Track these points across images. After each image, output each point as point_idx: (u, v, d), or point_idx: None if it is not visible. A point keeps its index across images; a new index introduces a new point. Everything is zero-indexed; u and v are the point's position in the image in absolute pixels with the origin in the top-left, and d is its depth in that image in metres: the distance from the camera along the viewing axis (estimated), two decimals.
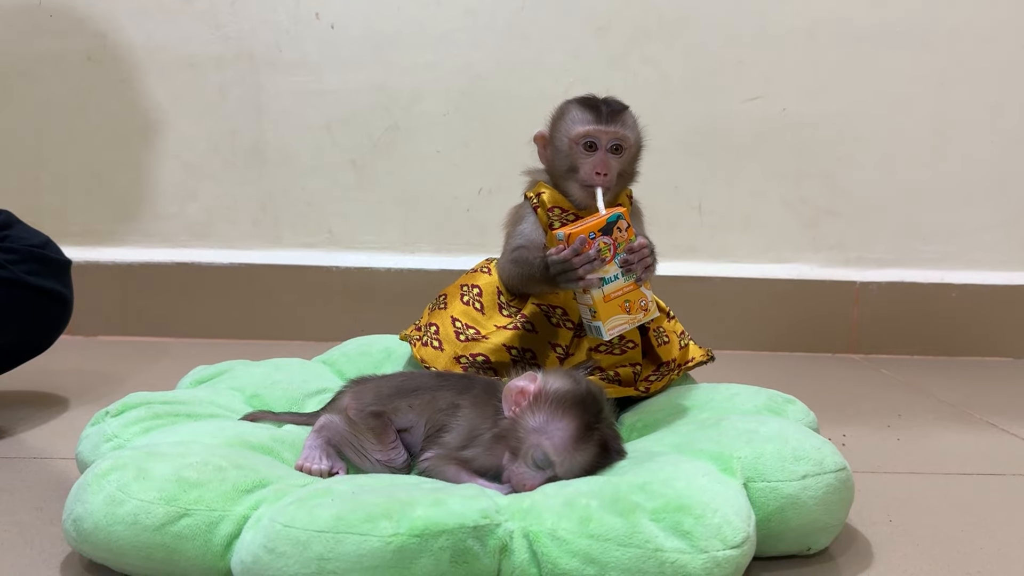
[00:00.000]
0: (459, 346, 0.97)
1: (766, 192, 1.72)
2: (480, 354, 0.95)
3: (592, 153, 0.95)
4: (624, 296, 0.90)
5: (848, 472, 0.75)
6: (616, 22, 1.67)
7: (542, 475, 0.74)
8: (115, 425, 0.84)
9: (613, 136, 0.95)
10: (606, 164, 0.95)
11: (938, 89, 1.70)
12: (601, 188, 0.94)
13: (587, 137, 0.95)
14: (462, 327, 0.98)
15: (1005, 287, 1.73)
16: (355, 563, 0.60)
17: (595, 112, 0.95)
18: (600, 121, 0.95)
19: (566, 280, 0.88)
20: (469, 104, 1.68)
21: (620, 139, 0.95)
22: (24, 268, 1.07)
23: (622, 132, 0.95)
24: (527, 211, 1.00)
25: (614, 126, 0.95)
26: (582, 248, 0.87)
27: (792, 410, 0.92)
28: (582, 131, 0.95)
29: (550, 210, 0.99)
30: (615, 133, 0.95)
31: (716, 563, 0.63)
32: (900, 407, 1.33)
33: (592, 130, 0.95)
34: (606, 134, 0.95)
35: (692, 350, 1.05)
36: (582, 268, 0.87)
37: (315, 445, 0.81)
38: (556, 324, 0.98)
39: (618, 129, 0.95)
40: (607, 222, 0.88)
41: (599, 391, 0.79)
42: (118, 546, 0.65)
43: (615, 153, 0.95)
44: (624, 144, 0.96)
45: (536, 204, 0.99)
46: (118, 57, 1.64)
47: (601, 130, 0.95)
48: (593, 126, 0.95)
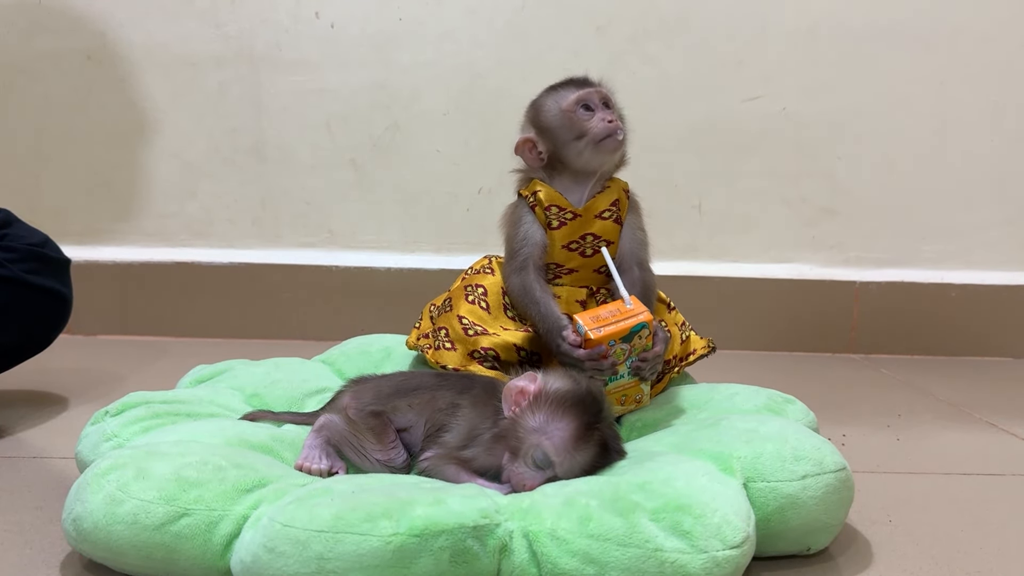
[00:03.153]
0: (468, 341, 0.97)
1: (766, 191, 1.72)
2: (490, 348, 0.95)
3: (592, 112, 0.97)
4: (623, 391, 0.91)
5: (848, 472, 0.75)
6: (616, 21, 1.67)
7: (542, 475, 0.74)
8: (115, 424, 0.84)
9: (600, 93, 0.99)
10: (611, 114, 0.98)
11: (938, 89, 1.70)
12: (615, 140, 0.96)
13: (581, 100, 0.98)
14: (469, 323, 0.98)
15: (1005, 287, 1.73)
16: (355, 562, 0.60)
17: (571, 82, 1.01)
18: (583, 84, 1.00)
19: (570, 367, 0.88)
20: (469, 103, 1.68)
21: (607, 94, 0.99)
22: (23, 267, 1.07)
23: (604, 88, 1.00)
24: (524, 211, 1.00)
25: (599, 85, 1.00)
26: (599, 356, 0.87)
27: (792, 410, 0.92)
28: (574, 97, 0.98)
29: (547, 208, 0.98)
30: (600, 90, 0.99)
31: (716, 563, 0.63)
32: (900, 407, 1.33)
33: (582, 93, 0.98)
34: (595, 92, 0.98)
35: (694, 341, 1.04)
36: (592, 371, 0.87)
37: (315, 445, 0.81)
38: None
39: (600, 87, 1.00)
40: (631, 331, 0.87)
41: (599, 391, 0.79)
42: (118, 545, 0.65)
43: (608, 108, 0.98)
44: (610, 99, 0.99)
45: (533, 203, 0.99)
46: (118, 56, 1.64)
47: (589, 90, 0.98)
48: (580, 89, 0.99)
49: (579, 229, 0.98)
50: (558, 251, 0.99)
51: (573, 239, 0.98)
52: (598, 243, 0.98)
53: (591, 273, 0.99)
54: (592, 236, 0.98)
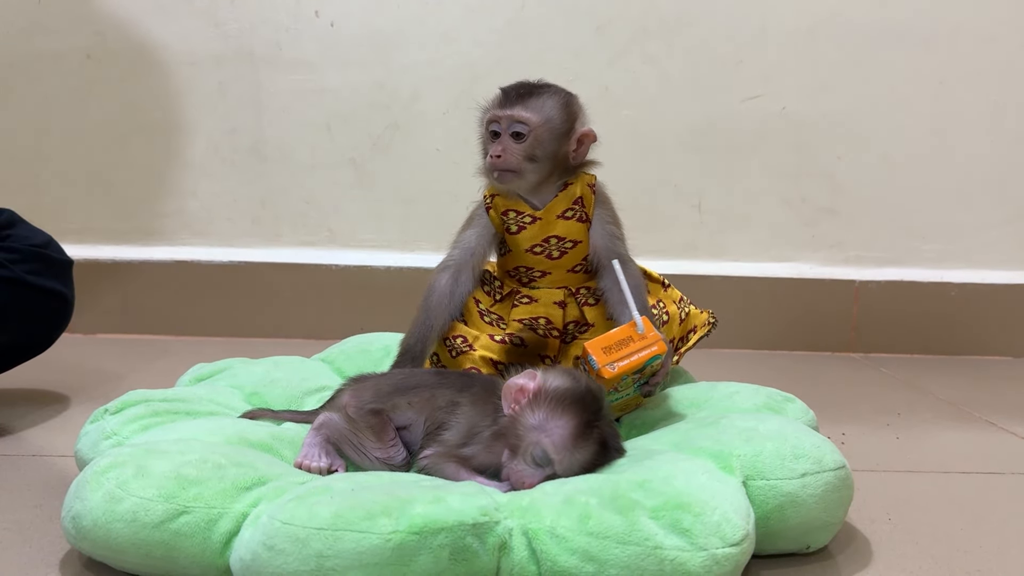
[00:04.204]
0: (453, 363, 0.96)
1: (766, 191, 1.72)
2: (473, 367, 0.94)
3: (496, 139, 0.92)
4: (624, 406, 0.91)
5: (847, 470, 0.75)
6: (616, 21, 1.67)
7: (541, 473, 0.74)
8: (114, 422, 0.83)
9: (510, 119, 0.90)
10: (505, 147, 0.90)
11: (938, 88, 1.70)
12: (498, 174, 0.91)
13: (491, 123, 0.92)
14: (451, 341, 0.97)
15: (1004, 286, 1.73)
16: (354, 560, 0.60)
17: (503, 95, 0.92)
18: (501, 104, 0.92)
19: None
20: (469, 103, 1.66)
21: (520, 121, 0.90)
22: (25, 268, 1.07)
23: (521, 115, 0.90)
24: (478, 213, 0.98)
25: (512, 109, 0.90)
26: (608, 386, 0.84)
27: (791, 408, 0.92)
28: (486, 116, 0.93)
29: (504, 213, 0.96)
30: (512, 116, 0.90)
31: (715, 561, 0.63)
32: (899, 406, 1.33)
33: (492, 115, 0.92)
34: (505, 117, 0.91)
35: (694, 316, 1.03)
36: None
37: (314, 443, 0.81)
38: (543, 335, 0.97)
39: (517, 112, 0.90)
40: (645, 364, 0.84)
41: (598, 389, 0.79)
42: (117, 543, 0.65)
43: (516, 139, 0.91)
44: (524, 129, 0.90)
45: (489, 205, 0.97)
46: (118, 55, 1.64)
47: (499, 114, 0.91)
48: (493, 110, 0.92)
49: (541, 232, 0.96)
50: (524, 255, 0.97)
51: (536, 242, 0.96)
52: (563, 245, 0.96)
53: (565, 274, 0.97)
54: (556, 238, 0.96)
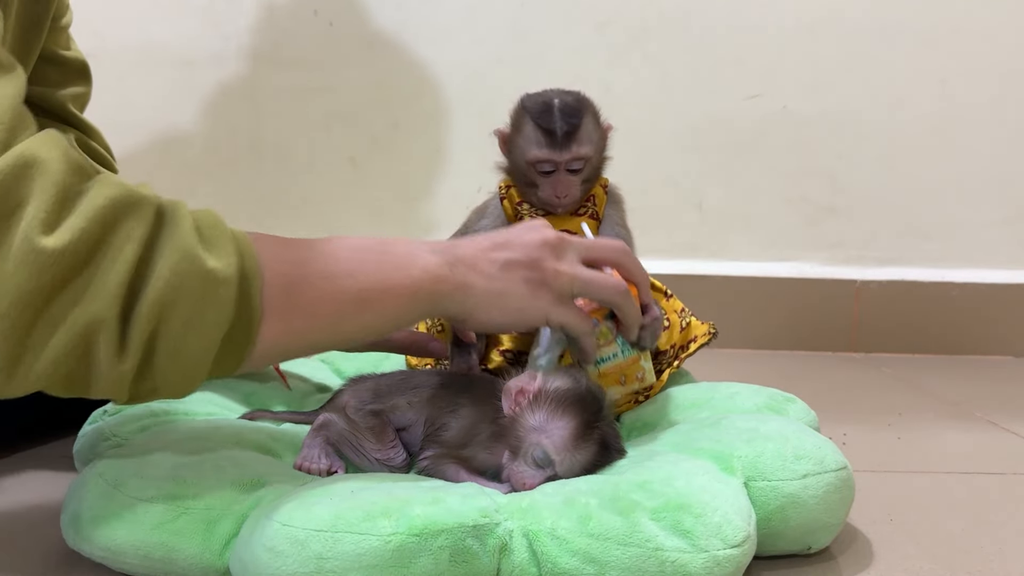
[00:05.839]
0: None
1: (767, 190, 1.72)
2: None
3: (549, 175, 0.92)
4: (621, 371, 0.85)
5: (849, 471, 0.75)
6: (617, 19, 1.67)
7: (542, 474, 0.74)
8: (112, 424, 0.83)
9: (570, 159, 0.91)
10: (566, 185, 0.91)
11: (940, 87, 1.70)
12: (557, 206, 0.92)
13: (543, 164, 0.91)
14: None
15: (1006, 285, 1.72)
16: (354, 562, 0.59)
17: (549, 136, 0.90)
18: (555, 146, 0.90)
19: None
20: (469, 102, 1.67)
21: (577, 158, 0.91)
22: None
23: (579, 152, 0.90)
24: (493, 203, 0.98)
25: (569, 150, 0.90)
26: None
27: (792, 409, 0.91)
28: (536, 156, 0.91)
29: (519, 204, 0.96)
30: (571, 157, 0.90)
31: (716, 562, 0.62)
32: (901, 406, 1.33)
33: (547, 156, 0.91)
34: (563, 161, 0.91)
35: (695, 327, 1.03)
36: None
37: (314, 444, 0.81)
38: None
39: (575, 151, 0.90)
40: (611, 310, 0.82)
41: (599, 390, 0.79)
42: (116, 545, 0.65)
43: (573, 173, 0.92)
44: (583, 164, 0.91)
45: (504, 195, 0.97)
46: (116, 55, 1.64)
47: (557, 158, 0.91)
48: (547, 152, 0.90)
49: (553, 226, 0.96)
50: None
51: None
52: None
53: None
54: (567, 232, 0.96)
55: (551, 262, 0.75)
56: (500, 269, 0.74)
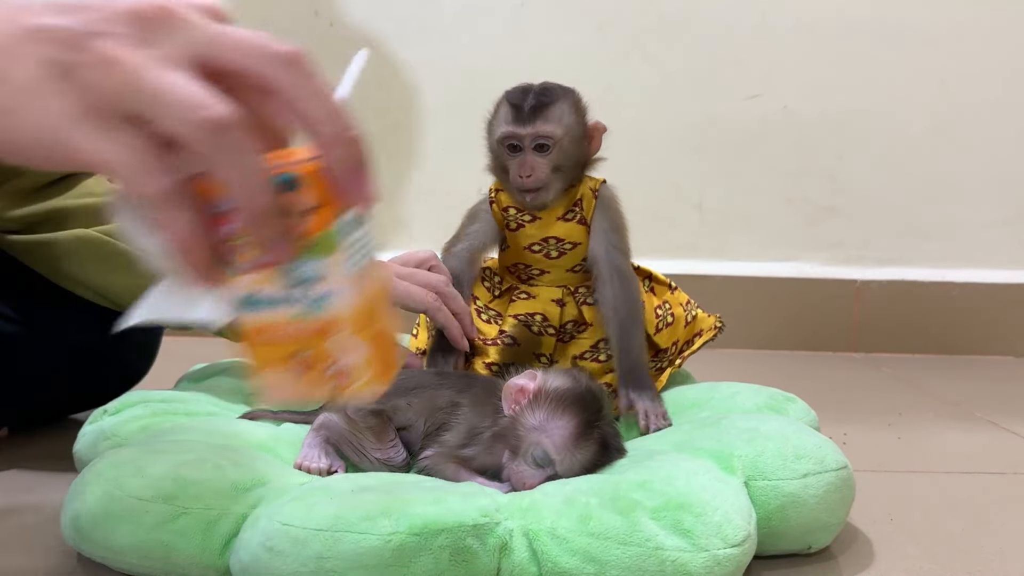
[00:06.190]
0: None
1: (767, 190, 1.72)
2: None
3: (517, 154, 0.91)
4: (296, 344, 0.46)
5: (849, 470, 0.75)
6: (617, 20, 1.67)
7: (542, 473, 0.74)
8: (113, 423, 0.83)
9: (534, 135, 0.89)
10: (531, 165, 0.90)
11: (940, 87, 1.70)
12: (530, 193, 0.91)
13: (509, 139, 0.91)
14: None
15: (1006, 285, 1.72)
16: (354, 561, 0.59)
17: (517, 110, 0.90)
18: (520, 120, 0.90)
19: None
20: (469, 102, 1.66)
21: (544, 137, 0.89)
22: None
23: (545, 129, 0.89)
24: (483, 208, 0.98)
25: (534, 125, 0.89)
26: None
27: (793, 408, 0.91)
28: (503, 132, 0.91)
29: (505, 209, 0.96)
30: (535, 132, 0.89)
31: (717, 561, 0.62)
32: (901, 405, 1.33)
33: (511, 131, 0.90)
34: (527, 135, 0.89)
35: (701, 320, 1.02)
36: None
37: (314, 443, 0.80)
38: (538, 332, 0.96)
39: (540, 127, 0.89)
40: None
41: (599, 389, 0.79)
42: (116, 544, 0.65)
43: (540, 152, 0.90)
44: (549, 141, 0.90)
45: (493, 199, 0.97)
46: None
47: (519, 131, 0.89)
48: (512, 127, 0.90)
49: (540, 232, 0.95)
50: (523, 252, 0.96)
51: (535, 241, 0.95)
52: (562, 246, 0.95)
53: (564, 273, 0.97)
54: (555, 239, 0.95)
55: (120, 45, 0.42)
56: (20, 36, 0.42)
